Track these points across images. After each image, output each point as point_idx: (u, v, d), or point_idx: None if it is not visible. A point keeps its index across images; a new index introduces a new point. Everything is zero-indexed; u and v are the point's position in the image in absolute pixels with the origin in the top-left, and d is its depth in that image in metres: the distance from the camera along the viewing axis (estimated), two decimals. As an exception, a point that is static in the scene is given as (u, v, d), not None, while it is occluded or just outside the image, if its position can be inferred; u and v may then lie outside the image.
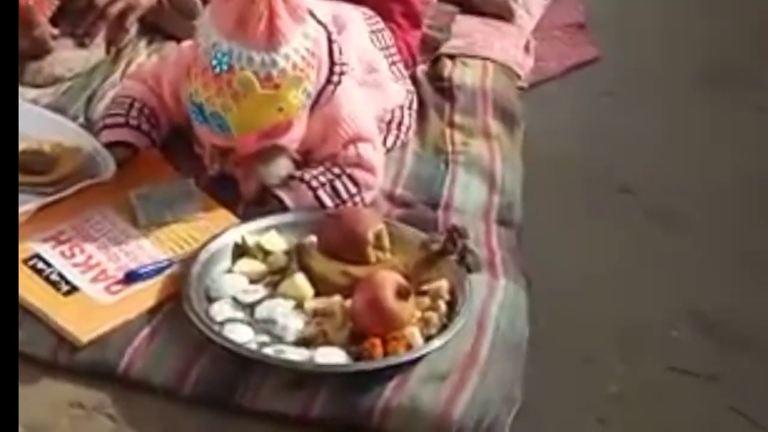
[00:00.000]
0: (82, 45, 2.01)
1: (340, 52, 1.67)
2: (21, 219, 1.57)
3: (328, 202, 1.68)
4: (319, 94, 1.66)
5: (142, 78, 1.80)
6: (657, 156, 2.23)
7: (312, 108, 1.66)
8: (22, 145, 1.68)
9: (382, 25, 1.95)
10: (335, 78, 1.67)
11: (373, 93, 1.82)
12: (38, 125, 1.74)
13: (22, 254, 1.54)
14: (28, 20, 1.93)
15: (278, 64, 1.57)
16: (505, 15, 2.43)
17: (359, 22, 1.89)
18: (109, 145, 1.71)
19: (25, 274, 1.52)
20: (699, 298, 1.85)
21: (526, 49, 2.40)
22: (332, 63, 1.66)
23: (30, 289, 1.49)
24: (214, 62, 1.58)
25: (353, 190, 1.69)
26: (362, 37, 1.87)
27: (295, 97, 1.61)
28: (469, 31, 2.33)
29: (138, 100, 1.75)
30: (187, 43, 1.80)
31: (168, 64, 1.79)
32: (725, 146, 2.29)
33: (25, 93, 1.92)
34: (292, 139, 1.65)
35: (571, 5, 2.68)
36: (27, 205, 1.59)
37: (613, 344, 1.72)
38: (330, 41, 1.66)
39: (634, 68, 2.53)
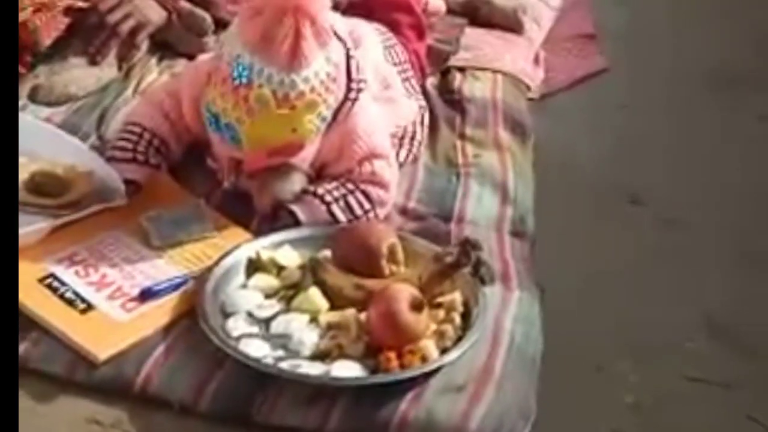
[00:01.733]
0: (94, 63, 2.03)
1: (358, 69, 1.68)
2: (33, 238, 1.58)
3: (341, 217, 1.68)
4: (337, 110, 1.66)
5: (158, 100, 1.79)
6: (668, 165, 2.23)
7: (330, 124, 1.66)
8: (35, 167, 1.69)
9: (395, 40, 1.96)
10: (353, 95, 1.67)
11: (388, 109, 1.83)
12: (52, 146, 1.75)
13: (37, 274, 1.56)
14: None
15: (297, 86, 1.58)
16: (514, 27, 2.44)
17: (373, 38, 1.90)
18: None
19: (41, 293, 1.53)
20: (712, 306, 1.85)
21: (536, 60, 2.41)
22: (350, 80, 1.66)
23: (46, 307, 1.50)
24: (235, 74, 1.59)
25: (367, 206, 1.70)
26: (377, 52, 1.88)
27: (310, 121, 1.61)
28: (478, 44, 2.34)
29: (148, 130, 1.75)
30: (206, 56, 1.81)
31: (187, 77, 1.78)
32: (736, 154, 2.29)
33: (38, 111, 1.93)
34: (303, 158, 1.66)
35: (581, 17, 2.68)
36: (39, 225, 1.60)
37: (627, 354, 1.71)
38: (348, 57, 1.67)
39: (644, 78, 2.53)
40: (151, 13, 2.06)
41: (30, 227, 1.58)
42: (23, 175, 1.67)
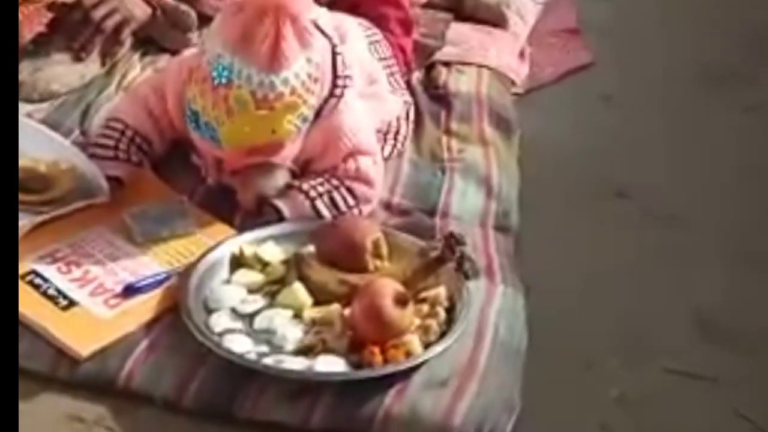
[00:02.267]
0: (78, 59, 2.02)
1: (344, 64, 1.67)
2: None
3: (325, 212, 1.68)
4: (321, 106, 1.66)
5: (142, 96, 1.77)
6: (655, 159, 2.22)
7: (314, 120, 1.66)
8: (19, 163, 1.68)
9: (380, 36, 1.96)
10: (338, 91, 1.67)
11: (373, 105, 1.82)
12: (35, 142, 1.74)
13: (19, 270, 1.54)
14: None
15: (276, 88, 1.57)
16: (498, 21, 2.44)
17: (358, 33, 1.89)
18: None
19: (22, 290, 1.52)
20: (701, 300, 1.84)
21: (521, 55, 2.41)
22: (335, 76, 1.66)
23: (28, 304, 1.50)
24: (214, 74, 1.58)
25: (351, 202, 1.69)
26: (362, 48, 1.88)
27: (290, 121, 1.60)
28: (463, 38, 2.33)
29: (129, 127, 1.74)
30: (190, 51, 1.80)
31: (171, 72, 1.77)
32: (724, 147, 2.29)
33: (20, 108, 1.91)
34: (284, 157, 1.65)
35: (565, 11, 2.68)
36: (21, 222, 1.59)
37: (614, 349, 1.71)
38: (334, 54, 1.66)
39: (629, 72, 2.52)
40: (136, 9, 2.05)
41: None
42: None
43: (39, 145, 1.74)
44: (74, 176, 1.68)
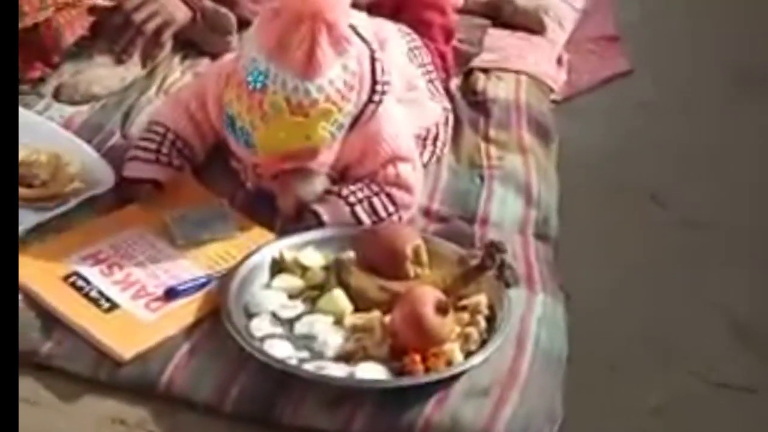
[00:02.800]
0: (120, 62, 2.03)
1: (383, 71, 1.66)
2: (20, 236, 1.58)
3: (365, 218, 1.67)
4: (361, 112, 1.65)
5: (184, 101, 1.78)
6: (691, 165, 2.22)
7: (352, 126, 1.66)
8: (19, 156, 1.68)
9: (419, 42, 1.95)
10: (377, 97, 1.66)
11: (412, 110, 1.82)
12: (35, 134, 1.75)
13: (62, 272, 1.55)
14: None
15: (311, 94, 1.57)
16: (536, 28, 2.43)
17: (398, 39, 1.88)
18: (136, 181, 1.71)
19: (65, 292, 1.53)
20: (736, 308, 1.84)
21: (559, 62, 2.40)
22: (374, 82, 1.65)
23: (71, 305, 1.50)
24: (250, 78, 1.58)
25: (391, 208, 1.69)
26: (401, 54, 1.87)
27: (324, 128, 1.60)
28: (501, 45, 2.33)
29: (171, 131, 1.74)
30: (230, 55, 1.80)
31: (212, 76, 1.77)
32: (759, 153, 2.28)
33: (61, 110, 1.93)
34: (321, 163, 1.65)
35: (603, 18, 2.67)
36: (27, 222, 1.60)
37: (651, 357, 1.71)
38: (373, 60, 1.66)
39: (666, 79, 2.52)
40: (177, 12, 2.06)
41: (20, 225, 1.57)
42: None
43: (39, 137, 1.75)
44: (77, 167, 1.69)
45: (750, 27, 2.82)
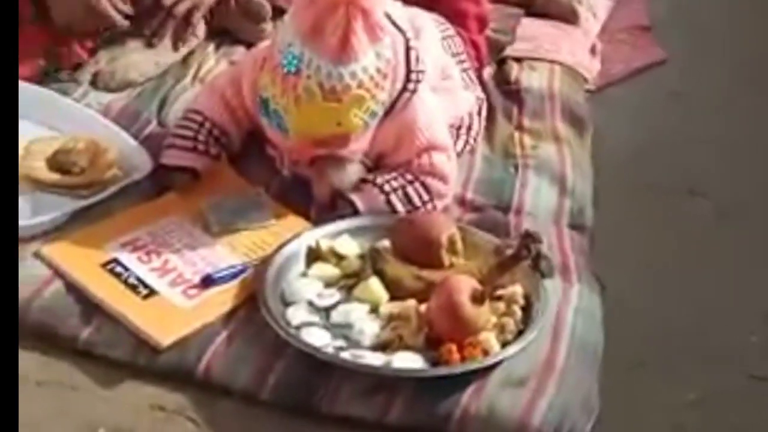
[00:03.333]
0: (150, 45, 2.03)
1: (417, 60, 1.67)
2: (56, 223, 1.60)
3: (399, 207, 1.68)
4: (395, 101, 1.66)
5: (220, 88, 1.78)
6: (726, 156, 2.21)
7: (387, 114, 1.66)
8: (57, 144, 1.71)
9: (452, 31, 1.95)
10: (411, 86, 1.66)
11: (446, 100, 1.82)
12: (74, 122, 1.77)
13: (101, 259, 1.56)
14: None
15: (344, 80, 1.57)
16: (570, 18, 2.43)
17: (432, 28, 1.88)
18: (173, 168, 1.71)
19: (104, 278, 1.54)
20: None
21: (593, 51, 2.39)
22: (409, 70, 1.66)
23: (109, 292, 1.51)
24: (284, 62, 1.59)
25: (426, 197, 1.69)
26: (436, 43, 1.87)
27: (356, 115, 1.60)
28: (535, 34, 2.32)
29: (208, 119, 1.74)
30: (265, 43, 1.81)
31: (248, 63, 1.78)
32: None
33: (99, 98, 1.94)
34: (353, 151, 1.65)
35: (636, 7, 2.66)
36: (63, 208, 1.62)
37: (689, 350, 1.70)
38: (408, 48, 1.66)
39: (700, 69, 2.50)
40: None
41: (46, 217, 1.59)
42: (46, 153, 1.69)
43: (78, 124, 1.77)
44: (114, 154, 1.71)
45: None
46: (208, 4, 2.06)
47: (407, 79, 1.66)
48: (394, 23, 1.66)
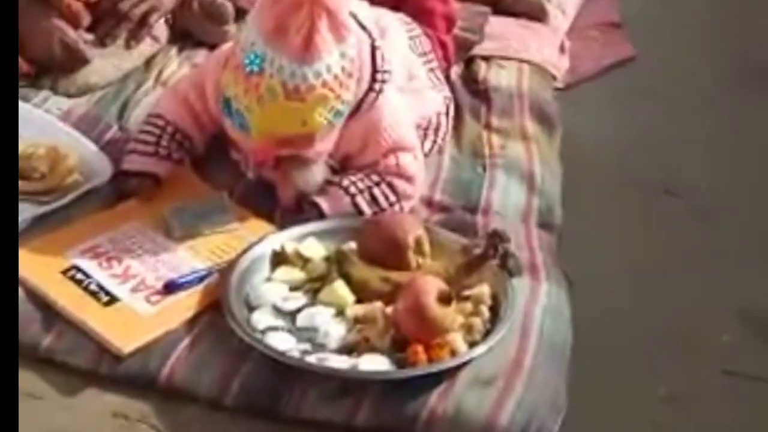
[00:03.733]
0: (102, 45, 2.00)
1: (383, 59, 1.66)
2: (19, 229, 1.57)
3: (365, 209, 1.66)
4: (361, 101, 1.64)
5: (183, 92, 1.76)
6: (698, 155, 2.20)
7: (353, 115, 1.65)
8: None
9: (419, 30, 1.93)
10: (377, 86, 1.65)
11: (413, 100, 1.80)
12: (32, 127, 1.74)
13: (61, 266, 1.54)
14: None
15: (308, 79, 1.56)
16: (538, 15, 2.41)
17: (398, 28, 1.87)
18: (134, 174, 1.69)
19: (64, 285, 1.51)
20: (746, 298, 1.83)
21: (561, 49, 2.38)
22: (375, 71, 1.64)
23: (70, 299, 1.49)
24: (247, 61, 1.57)
25: (392, 198, 1.68)
26: (402, 43, 1.86)
27: (321, 114, 1.59)
28: (503, 33, 2.31)
29: (171, 123, 1.73)
30: (229, 44, 1.79)
31: (210, 66, 1.76)
32: (766, 143, 2.26)
33: (58, 103, 1.92)
34: (318, 152, 1.64)
35: (606, 4, 2.65)
36: (23, 215, 1.59)
37: (662, 347, 1.69)
38: (373, 48, 1.64)
39: (671, 66, 2.50)
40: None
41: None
42: None
43: (38, 130, 1.75)
44: (75, 160, 1.68)
45: (754, 16, 2.80)
46: (168, 7, 2.05)
47: (373, 80, 1.65)
48: (359, 23, 1.65)
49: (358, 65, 1.61)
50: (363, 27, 1.65)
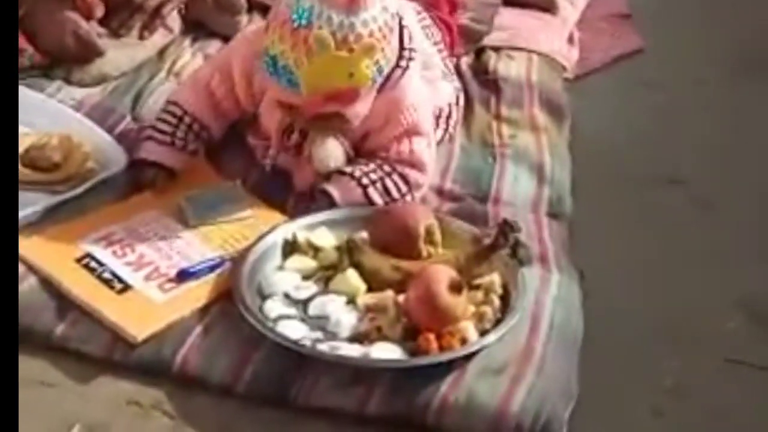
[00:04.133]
0: (116, 36, 2.01)
1: (410, 38, 1.68)
2: (31, 218, 1.58)
3: (377, 199, 1.67)
4: (388, 76, 1.66)
5: (204, 80, 1.76)
6: (705, 146, 2.20)
7: (380, 89, 1.66)
8: (30, 140, 1.69)
9: (429, 21, 1.94)
10: (404, 63, 1.67)
11: (429, 90, 1.81)
12: (47, 117, 1.76)
13: (74, 254, 1.55)
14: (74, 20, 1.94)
15: (356, 29, 1.58)
16: (548, 7, 2.41)
17: (413, 17, 1.88)
18: (150, 164, 1.70)
19: (78, 273, 1.53)
20: (752, 288, 1.83)
21: (571, 40, 2.38)
22: (402, 47, 1.66)
23: (84, 287, 1.50)
24: (295, 16, 1.59)
25: (404, 188, 1.69)
26: (418, 30, 1.86)
27: (368, 66, 1.60)
28: (512, 24, 2.31)
29: (188, 114, 1.73)
30: (253, 27, 1.80)
31: (236, 45, 1.78)
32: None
33: (71, 93, 1.93)
34: (356, 113, 1.64)
35: (616, -5, 2.65)
36: (37, 205, 1.60)
37: (667, 336, 1.70)
38: (401, 26, 1.67)
39: (680, 58, 2.49)
40: None
41: (23, 211, 1.57)
42: (19, 149, 1.67)
43: (51, 120, 1.76)
44: (89, 149, 1.69)
45: (763, 7, 2.79)
46: None
47: (400, 56, 1.67)
48: None
49: (392, 29, 1.63)
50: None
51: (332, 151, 1.68)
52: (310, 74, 1.59)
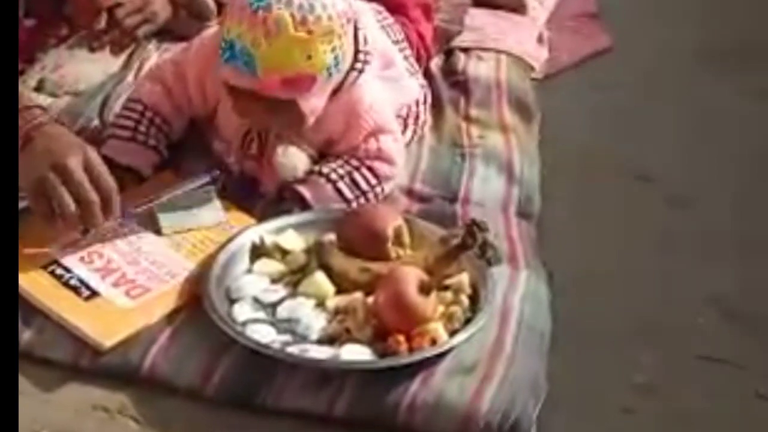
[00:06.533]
0: (92, 49, 2.00)
1: (365, 41, 1.68)
2: None
3: (348, 194, 1.67)
4: (343, 79, 1.66)
5: (160, 77, 1.77)
6: (676, 143, 2.22)
7: (335, 94, 1.66)
8: None
9: (391, 20, 1.94)
10: (359, 65, 1.67)
11: (391, 88, 1.81)
12: None
13: (41, 261, 1.54)
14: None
15: (315, 10, 1.58)
16: (517, 7, 2.42)
17: (370, 17, 1.87)
18: (114, 165, 1.67)
19: (45, 280, 1.51)
20: (721, 284, 1.84)
21: (540, 40, 2.39)
22: (357, 50, 1.66)
23: (50, 294, 1.49)
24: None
25: (373, 181, 1.69)
26: (375, 30, 1.86)
27: (325, 52, 1.60)
28: (482, 24, 2.32)
29: (149, 108, 1.73)
30: (210, 31, 1.80)
31: (190, 51, 1.78)
32: (741, 131, 2.28)
33: (37, 100, 1.90)
34: (311, 108, 1.64)
35: (584, -5, 2.66)
36: None
37: (637, 333, 1.71)
38: (356, 27, 1.66)
39: (648, 56, 2.52)
40: (161, 11, 2.03)
41: None
42: None
43: None
44: None
45: (737, 6, 2.82)
46: (161, 21, 2.04)
47: (355, 59, 1.67)
48: None
49: (350, 18, 1.63)
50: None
51: (295, 160, 1.67)
52: (268, 55, 1.59)
